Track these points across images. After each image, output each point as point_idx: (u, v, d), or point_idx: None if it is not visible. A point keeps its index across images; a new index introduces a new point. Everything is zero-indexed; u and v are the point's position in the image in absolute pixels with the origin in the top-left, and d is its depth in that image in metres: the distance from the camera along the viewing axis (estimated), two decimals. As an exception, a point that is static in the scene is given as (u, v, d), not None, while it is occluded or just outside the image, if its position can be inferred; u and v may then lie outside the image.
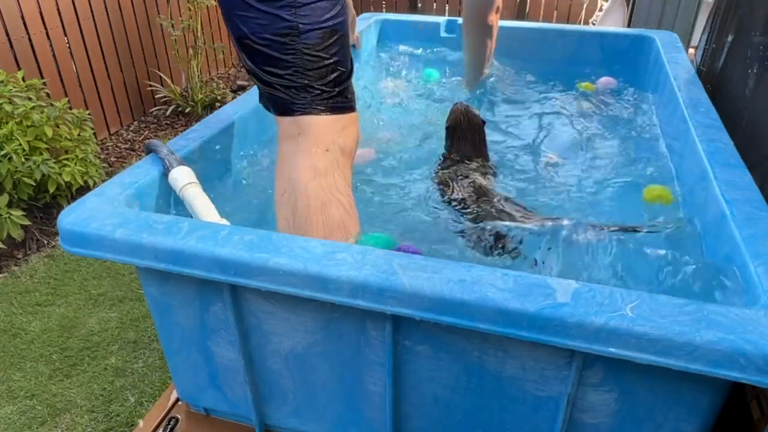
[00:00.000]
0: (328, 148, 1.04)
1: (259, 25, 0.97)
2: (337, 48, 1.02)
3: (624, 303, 0.71)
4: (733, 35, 1.53)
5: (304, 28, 0.97)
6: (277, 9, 0.96)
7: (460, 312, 0.74)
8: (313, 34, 0.98)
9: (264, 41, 0.98)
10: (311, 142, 1.03)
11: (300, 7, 0.96)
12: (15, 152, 2.18)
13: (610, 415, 0.82)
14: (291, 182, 1.04)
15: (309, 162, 1.03)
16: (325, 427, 1.04)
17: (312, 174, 1.03)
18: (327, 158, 1.03)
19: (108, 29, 3.24)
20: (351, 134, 1.08)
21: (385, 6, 4.81)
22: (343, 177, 1.05)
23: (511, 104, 1.88)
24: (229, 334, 0.97)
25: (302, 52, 0.98)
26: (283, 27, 0.97)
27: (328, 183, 1.03)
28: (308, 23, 0.97)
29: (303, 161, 1.03)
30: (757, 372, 0.65)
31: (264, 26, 0.97)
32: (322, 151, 1.03)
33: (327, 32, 1.00)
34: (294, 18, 0.96)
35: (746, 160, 1.07)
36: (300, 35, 0.97)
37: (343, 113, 1.06)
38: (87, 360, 1.83)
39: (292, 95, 1.02)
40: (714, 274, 0.94)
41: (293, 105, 1.02)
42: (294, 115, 1.03)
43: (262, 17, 0.97)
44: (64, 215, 0.93)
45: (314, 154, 1.03)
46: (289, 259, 0.80)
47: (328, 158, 1.04)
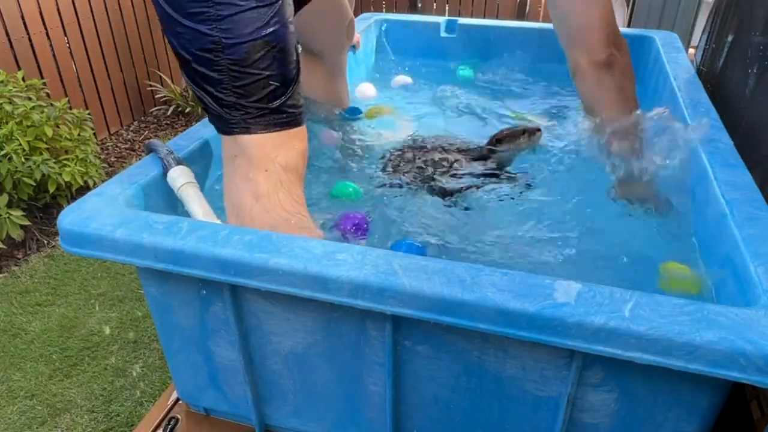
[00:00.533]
0: (266, 169, 0.97)
1: (185, 40, 0.91)
2: (270, 61, 0.93)
3: (624, 303, 0.71)
4: (733, 35, 1.53)
5: (227, 43, 0.89)
6: (197, 23, 0.89)
7: (460, 312, 0.74)
8: (239, 48, 0.90)
9: (192, 56, 0.92)
10: (249, 164, 0.97)
11: (220, 21, 0.88)
12: (15, 152, 2.18)
13: (610, 415, 0.82)
14: (235, 209, 1.00)
15: (249, 186, 0.97)
16: (325, 427, 1.04)
17: (253, 198, 0.97)
18: (268, 179, 0.97)
19: (108, 29, 3.24)
20: (293, 150, 0.99)
21: (385, 6, 4.81)
22: (290, 195, 0.99)
23: (509, 104, 1.88)
24: (229, 334, 0.97)
25: (228, 68, 0.91)
26: (207, 42, 0.90)
27: (272, 205, 0.97)
28: (232, 37, 0.89)
29: (243, 185, 0.98)
30: (757, 372, 0.65)
31: (189, 41, 0.91)
32: (261, 172, 0.97)
33: (257, 45, 0.91)
34: (215, 32, 0.89)
35: (746, 160, 1.07)
36: (224, 50, 0.90)
37: (282, 129, 0.98)
38: (87, 360, 1.83)
39: (223, 113, 0.95)
40: (714, 274, 0.94)
41: (228, 123, 0.96)
42: (231, 134, 0.97)
43: (186, 32, 0.90)
44: (64, 215, 0.93)
45: (253, 176, 0.97)
46: (289, 259, 0.80)
47: (270, 179, 0.97)
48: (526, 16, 4.59)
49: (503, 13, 4.61)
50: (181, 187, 1.07)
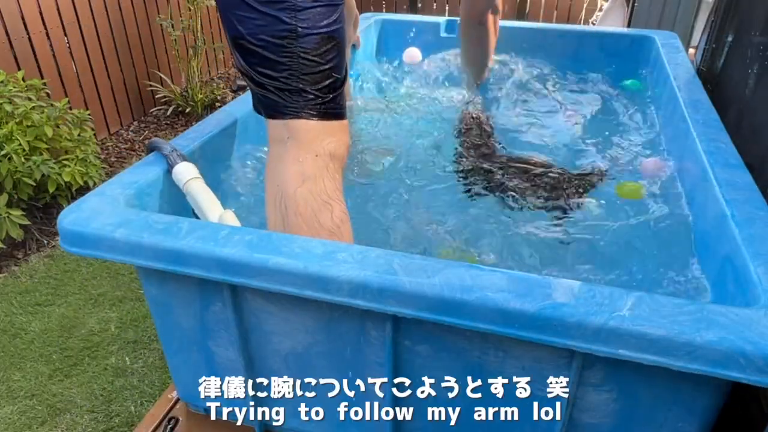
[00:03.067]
0: (317, 154, 1.02)
1: (257, 26, 0.97)
2: (333, 54, 1.01)
3: (624, 303, 0.71)
4: (733, 35, 1.53)
5: (302, 32, 0.96)
6: (276, 11, 0.95)
7: (460, 312, 0.74)
8: (311, 38, 0.97)
9: (261, 42, 0.97)
10: (300, 147, 1.02)
11: (300, 11, 0.96)
12: (15, 152, 2.18)
13: (610, 415, 0.82)
14: (280, 188, 1.03)
15: (298, 168, 1.01)
16: (325, 427, 1.04)
17: (301, 180, 1.01)
18: (316, 164, 1.02)
19: (108, 29, 3.24)
20: (341, 141, 1.06)
21: (385, 6, 4.81)
22: (334, 183, 1.03)
23: (509, 104, 1.88)
24: (229, 334, 0.97)
25: (299, 55, 0.98)
26: (282, 29, 0.96)
27: (318, 189, 1.01)
28: (307, 27, 0.97)
29: (291, 167, 1.02)
30: (757, 372, 0.65)
31: (262, 27, 0.96)
32: (311, 156, 1.02)
33: (325, 37, 0.99)
34: (293, 21, 0.96)
35: (746, 160, 1.07)
36: (298, 38, 0.97)
37: (334, 119, 1.04)
38: (87, 360, 1.83)
39: (284, 98, 1.00)
40: (714, 274, 0.94)
41: (285, 108, 1.01)
42: (284, 119, 1.02)
43: (261, 18, 0.96)
44: (64, 215, 0.93)
45: (303, 159, 1.01)
46: (289, 259, 0.80)
47: (318, 164, 1.02)
48: (526, 16, 4.59)
49: (503, 12, 4.61)
50: (188, 182, 1.08)
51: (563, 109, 1.72)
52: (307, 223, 1.00)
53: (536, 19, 4.60)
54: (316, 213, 1.00)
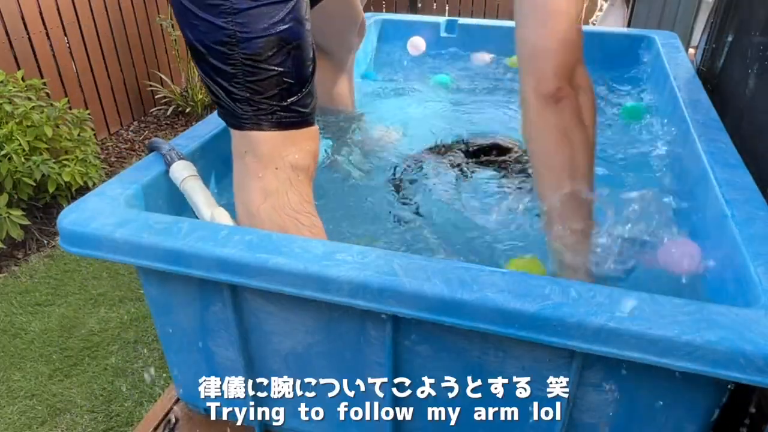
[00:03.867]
0: (277, 167, 0.96)
1: (201, 33, 0.91)
2: (284, 58, 0.93)
3: (624, 303, 0.71)
4: (733, 35, 1.53)
5: (242, 37, 0.90)
6: (213, 16, 0.89)
7: (460, 312, 0.74)
8: (253, 43, 0.90)
9: (206, 49, 0.92)
10: (259, 162, 0.97)
11: (237, 14, 0.88)
12: (15, 152, 2.18)
13: (610, 415, 0.82)
14: (244, 207, 1.00)
15: (258, 184, 0.97)
16: (325, 427, 1.04)
17: (262, 197, 0.97)
18: (278, 177, 0.97)
19: (108, 29, 3.24)
20: (304, 150, 0.99)
21: (385, 6, 4.81)
22: (299, 195, 0.98)
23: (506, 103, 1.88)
24: (229, 334, 0.97)
25: (242, 62, 0.91)
26: (221, 35, 0.90)
27: (281, 203, 0.97)
28: (246, 31, 0.89)
29: (252, 183, 0.98)
30: (757, 372, 0.65)
31: (204, 34, 0.91)
32: (271, 171, 0.96)
33: (271, 40, 0.91)
34: (230, 25, 0.89)
35: (746, 160, 1.07)
36: (239, 44, 0.90)
37: (294, 129, 0.98)
38: (87, 360, 1.83)
39: (236, 108, 0.95)
40: (714, 274, 0.94)
41: (239, 119, 0.96)
42: (242, 130, 0.97)
43: (201, 24, 0.91)
44: (64, 215, 0.93)
45: (262, 175, 0.97)
46: (289, 259, 0.80)
47: (279, 177, 0.97)
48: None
49: (503, 13, 4.61)
50: (184, 180, 1.08)
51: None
52: None
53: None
54: (282, 229, 0.96)
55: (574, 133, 0.95)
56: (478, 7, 4.62)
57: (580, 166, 0.96)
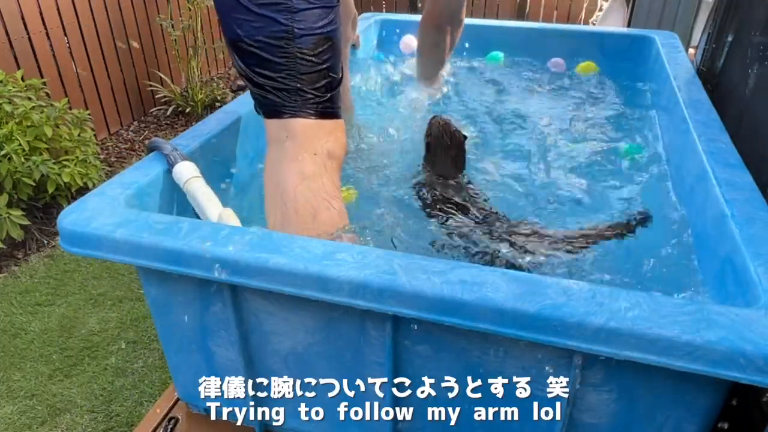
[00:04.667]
0: (315, 152, 1.04)
1: (254, 28, 0.99)
2: (330, 55, 1.03)
3: (624, 303, 0.71)
4: (733, 35, 1.53)
5: (299, 33, 0.99)
6: (273, 13, 0.97)
7: (460, 312, 0.74)
8: (308, 39, 1.00)
9: (258, 44, 0.99)
10: (298, 146, 1.03)
11: (296, 12, 0.98)
12: (15, 152, 2.18)
13: (610, 415, 0.82)
14: (279, 187, 1.04)
15: (296, 166, 1.03)
16: (325, 427, 1.04)
17: (300, 178, 1.02)
18: (315, 162, 1.03)
19: (108, 29, 3.24)
20: (338, 140, 1.08)
21: (385, 6, 4.81)
22: (332, 181, 1.05)
23: (505, 103, 1.88)
24: (229, 334, 0.97)
25: (296, 56, 1.00)
26: (279, 30, 0.98)
27: (316, 187, 1.03)
28: (303, 28, 0.99)
29: (290, 166, 1.03)
30: (757, 372, 0.65)
31: (259, 29, 0.98)
32: (309, 155, 1.03)
33: (321, 38, 1.01)
34: (290, 22, 0.98)
35: (746, 160, 1.07)
36: (294, 39, 0.99)
37: (330, 119, 1.06)
38: (87, 360, 1.83)
39: (282, 98, 1.02)
40: (714, 274, 0.94)
41: (283, 108, 1.03)
42: (282, 118, 1.04)
43: (258, 20, 0.98)
44: (64, 215, 0.93)
45: (302, 158, 1.03)
46: (289, 259, 0.80)
47: (316, 162, 1.03)
48: (527, 16, 4.59)
49: (503, 13, 4.61)
50: (188, 181, 1.08)
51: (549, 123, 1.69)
52: (307, 221, 1.01)
53: (536, 19, 4.60)
54: (316, 210, 1.01)
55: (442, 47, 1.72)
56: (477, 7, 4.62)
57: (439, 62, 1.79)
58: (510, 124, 1.74)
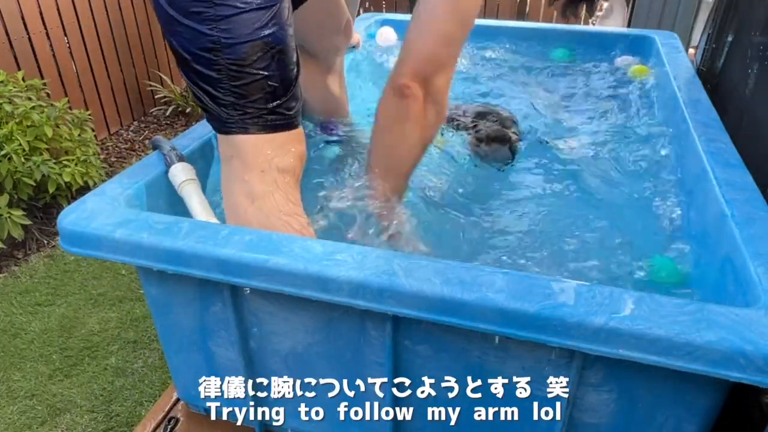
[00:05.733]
0: (263, 170, 0.97)
1: (185, 39, 0.92)
2: (268, 62, 0.94)
3: (624, 303, 0.71)
4: (733, 35, 1.53)
5: (226, 42, 0.91)
6: (197, 23, 0.90)
7: (460, 312, 0.74)
8: (238, 48, 0.91)
9: (191, 56, 0.93)
10: (244, 165, 0.98)
11: (221, 20, 0.90)
12: (15, 152, 2.18)
13: (610, 415, 0.82)
14: (231, 210, 1.01)
15: (244, 187, 0.98)
16: (325, 427, 1.04)
17: (249, 200, 0.98)
18: (264, 180, 0.97)
19: (108, 29, 3.24)
20: (290, 152, 1.00)
21: (385, 6, 4.81)
22: (286, 196, 0.99)
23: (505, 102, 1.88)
24: (229, 334, 0.97)
25: (227, 67, 0.92)
26: (206, 41, 0.91)
27: (269, 206, 0.98)
28: (231, 37, 0.91)
29: (239, 187, 0.98)
30: (757, 372, 0.65)
31: (189, 41, 0.92)
32: (257, 173, 0.97)
33: (255, 45, 0.92)
34: (214, 32, 0.90)
35: (746, 160, 1.07)
36: (223, 50, 0.91)
37: (279, 131, 0.98)
38: (87, 360, 1.83)
39: (221, 113, 0.96)
40: (714, 274, 0.94)
41: (224, 124, 0.97)
42: (228, 134, 0.98)
43: (186, 31, 0.92)
44: (64, 215, 0.93)
45: (248, 177, 0.97)
46: (289, 259, 0.80)
47: (265, 180, 0.97)
48: (527, 16, 4.59)
49: (503, 13, 4.61)
50: (182, 183, 1.08)
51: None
52: None
53: (536, 19, 4.60)
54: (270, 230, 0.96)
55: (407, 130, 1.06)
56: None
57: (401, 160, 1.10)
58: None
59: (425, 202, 1.27)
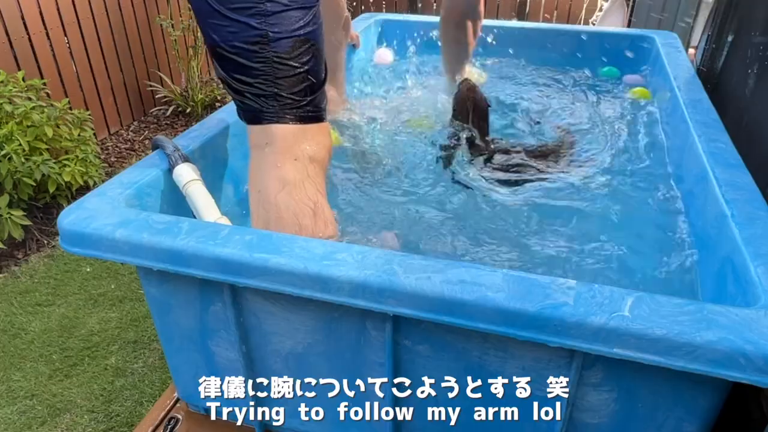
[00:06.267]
0: (296, 158, 1.02)
1: (229, 33, 0.97)
2: (308, 57, 1.01)
3: (624, 303, 0.71)
4: (733, 35, 1.53)
5: (273, 37, 0.97)
6: (246, 17, 0.95)
7: (460, 312, 0.74)
8: (284, 42, 0.98)
9: (234, 49, 0.98)
10: (279, 153, 1.02)
11: (270, 16, 0.96)
12: (15, 152, 2.18)
13: (610, 415, 0.82)
14: (261, 195, 1.03)
15: (277, 173, 1.02)
16: (325, 427, 1.04)
17: (280, 185, 1.01)
18: (296, 168, 1.02)
19: (108, 29, 3.24)
20: (321, 144, 1.06)
21: (385, 6, 4.81)
22: (314, 185, 1.04)
23: (506, 103, 1.88)
24: (229, 334, 0.97)
25: (272, 60, 0.98)
26: (253, 35, 0.96)
27: (298, 193, 1.01)
28: (278, 31, 0.97)
29: (271, 172, 1.02)
30: (757, 372, 0.65)
31: (234, 34, 0.97)
32: (290, 161, 1.02)
33: (298, 41, 0.99)
34: (263, 26, 0.96)
35: (746, 160, 1.07)
36: (270, 43, 0.97)
37: (312, 123, 1.04)
38: (87, 360, 1.83)
39: (261, 104, 1.01)
40: (714, 274, 0.94)
41: (262, 114, 1.01)
42: (262, 124, 1.02)
43: (232, 25, 0.96)
44: (64, 215, 0.93)
45: (281, 164, 1.02)
46: (289, 259, 0.80)
47: (297, 168, 1.02)
48: (526, 16, 4.59)
49: (503, 13, 4.62)
50: (187, 183, 1.08)
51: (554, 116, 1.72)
52: (289, 227, 1.00)
53: (536, 19, 4.60)
54: (298, 217, 1.00)
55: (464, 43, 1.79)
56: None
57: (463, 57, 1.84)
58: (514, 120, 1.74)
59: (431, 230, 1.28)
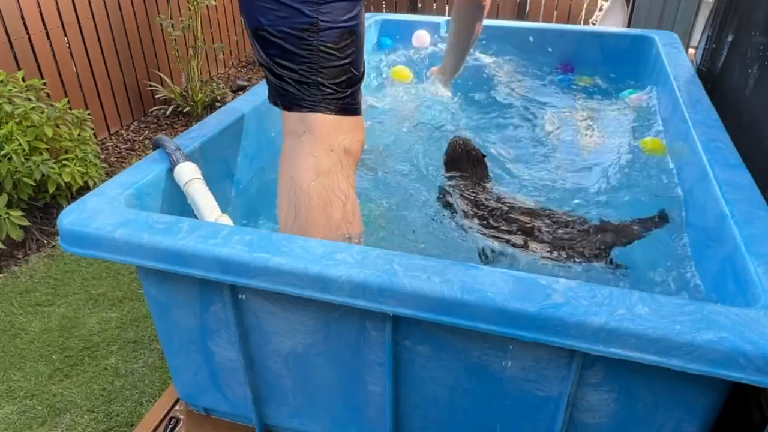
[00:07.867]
0: (332, 149, 1.03)
1: (278, 18, 0.97)
2: (352, 50, 1.02)
3: (624, 303, 0.71)
4: (733, 35, 1.53)
5: (323, 26, 0.98)
6: (298, 4, 0.96)
7: (460, 312, 0.74)
8: (332, 32, 0.98)
9: (281, 34, 0.98)
10: (315, 141, 1.03)
11: (322, 5, 0.97)
12: (15, 152, 2.18)
13: (610, 415, 0.82)
14: (294, 181, 1.03)
15: (312, 161, 1.02)
16: (326, 427, 1.04)
17: (314, 174, 1.02)
18: (330, 158, 1.03)
19: (108, 29, 3.24)
20: (356, 137, 1.07)
21: (386, 6, 4.81)
22: (347, 178, 1.04)
23: (507, 104, 1.88)
24: (229, 334, 0.97)
25: (318, 48, 0.99)
26: (303, 22, 0.97)
27: (330, 183, 1.02)
28: (328, 21, 0.98)
29: (306, 160, 1.02)
30: (757, 372, 0.65)
31: (283, 19, 0.97)
32: (325, 150, 1.02)
33: (345, 32, 1.00)
34: (314, 14, 0.97)
35: (746, 160, 1.07)
36: (318, 32, 0.98)
37: (350, 115, 1.05)
38: (87, 360, 1.83)
39: (302, 91, 1.01)
40: (714, 274, 0.94)
41: (302, 101, 1.02)
42: (301, 111, 1.03)
43: (283, 10, 0.97)
44: (64, 215, 0.93)
45: (318, 153, 1.02)
46: (289, 259, 0.80)
47: (332, 158, 1.03)
48: (526, 16, 4.59)
49: (503, 13, 4.61)
50: (188, 182, 1.08)
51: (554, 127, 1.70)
52: (319, 216, 1.01)
53: (536, 19, 4.60)
54: (328, 206, 1.01)
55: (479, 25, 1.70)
56: (478, 7, 4.60)
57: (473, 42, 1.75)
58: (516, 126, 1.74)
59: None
